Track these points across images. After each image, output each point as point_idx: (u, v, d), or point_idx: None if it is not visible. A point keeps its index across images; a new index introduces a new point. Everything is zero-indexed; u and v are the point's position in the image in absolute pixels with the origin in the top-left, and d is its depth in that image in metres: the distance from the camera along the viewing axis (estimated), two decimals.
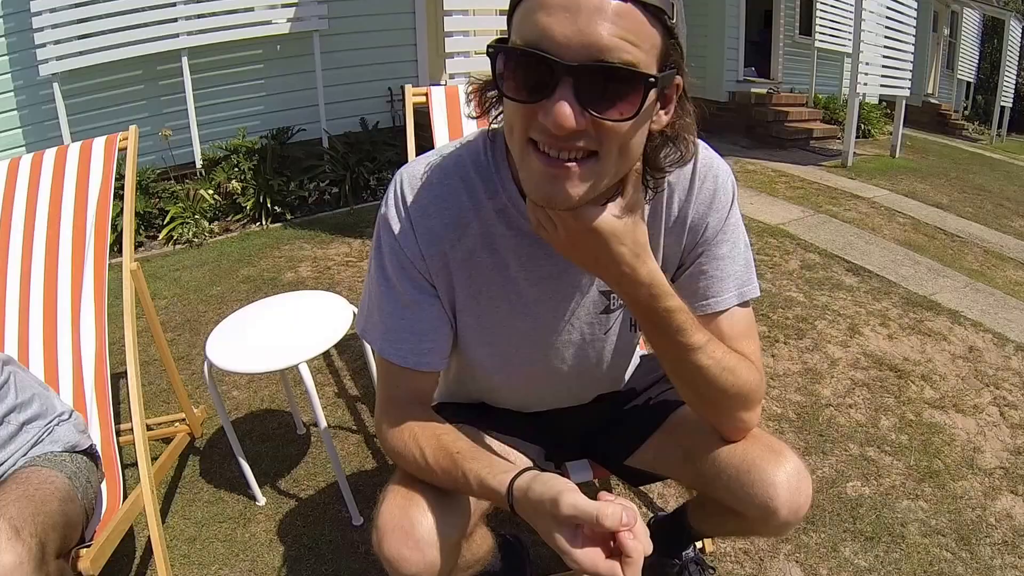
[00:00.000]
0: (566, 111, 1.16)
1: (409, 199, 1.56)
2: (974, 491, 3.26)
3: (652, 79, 1.20)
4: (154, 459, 3.04)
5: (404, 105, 3.43)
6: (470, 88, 1.47)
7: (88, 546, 2.13)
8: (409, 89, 3.43)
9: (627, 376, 2.11)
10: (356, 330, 1.74)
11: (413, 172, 1.58)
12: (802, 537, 2.89)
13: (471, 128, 3.14)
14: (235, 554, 2.84)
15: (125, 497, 2.48)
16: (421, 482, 1.57)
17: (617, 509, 1.19)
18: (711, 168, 1.63)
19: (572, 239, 1.37)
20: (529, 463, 1.96)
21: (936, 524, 3.02)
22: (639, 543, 1.21)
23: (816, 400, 3.90)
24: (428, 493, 1.55)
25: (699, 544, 2.69)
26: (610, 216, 1.34)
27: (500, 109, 1.43)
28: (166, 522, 3.03)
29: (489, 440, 1.95)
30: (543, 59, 1.16)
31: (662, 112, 1.35)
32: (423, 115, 3.39)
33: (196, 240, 6.25)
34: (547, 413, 2.02)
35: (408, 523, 1.50)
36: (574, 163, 1.24)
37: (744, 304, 1.68)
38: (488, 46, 1.26)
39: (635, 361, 2.11)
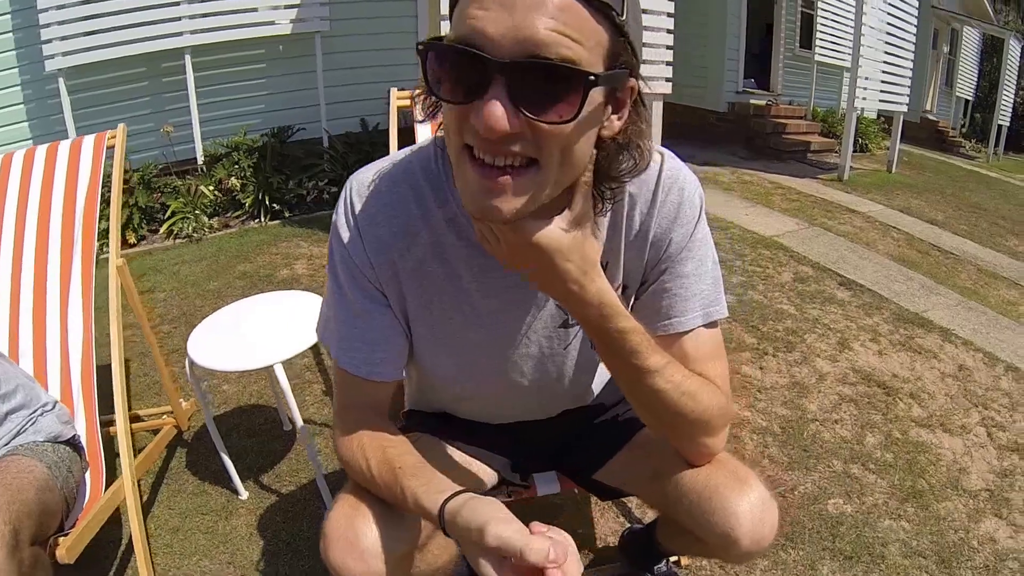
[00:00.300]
0: (498, 112, 1.09)
1: (358, 207, 1.51)
2: (958, 513, 3.25)
3: (592, 77, 1.12)
4: (141, 450, 3.10)
5: (389, 107, 3.43)
6: (418, 91, 1.35)
7: (66, 534, 2.16)
8: (394, 92, 3.45)
9: (595, 391, 2.01)
10: (316, 333, 1.72)
11: (362, 180, 1.54)
12: (780, 554, 2.89)
13: None
14: (216, 546, 2.87)
15: (107, 487, 2.50)
16: (371, 492, 1.55)
17: (544, 544, 1.15)
18: (676, 180, 1.54)
19: (515, 254, 1.32)
20: (487, 478, 1.98)
21: (917, 545, 3.01)
22: None
23: (802, 414, 3.90)
24: (376, 504, 1.52)
25: (675, 557, 2.66)
26: (555, 231, 1.28)
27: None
28: (151, 512, 3.06)
29: (452, 450, 1.94)
30: (474, 56, 1.09)
31: (614, 117, 1.27)
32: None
33: (196, 235, 6.28)
34: (513, 424, 1.98)
35: (353, 533, 1.48)
36: (510, 174, 1.18)
37: (711, 324, 1.61)
38: (417, 43, 1.18)
39: (603, 376, 1.98)
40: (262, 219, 6.67)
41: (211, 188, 6.70)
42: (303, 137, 7.74)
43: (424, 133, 3.22)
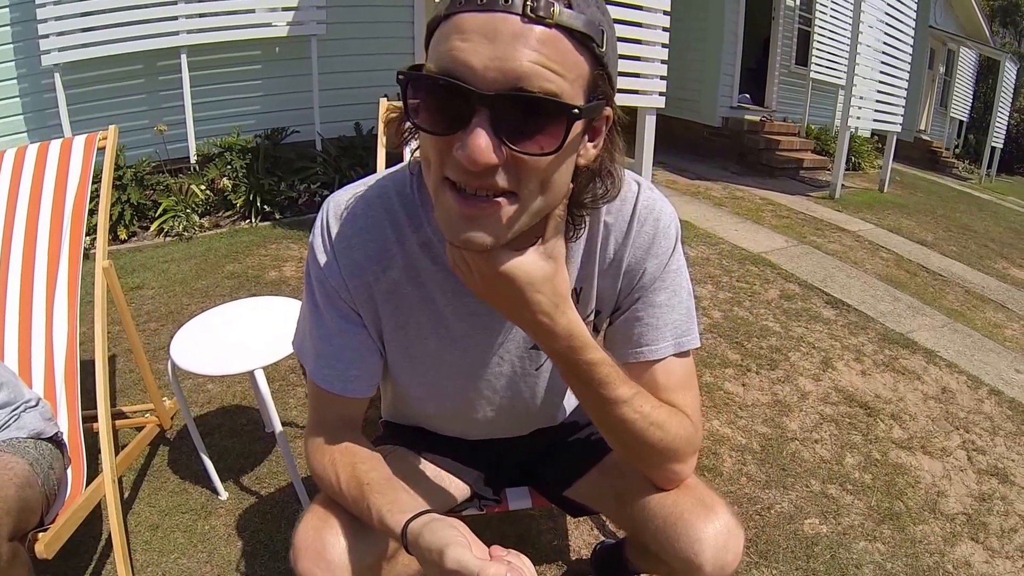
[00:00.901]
0: (482, 143, 1.10)
1: (334, 230, 1.52)
2: (934, 536, 3.26)
3: (576, 111, 1.13)
4: (124, 446, 3.09)
5: (376, 123, 3.44)
6: (391, 117, 1.39)
7: (46, 530, 2.16)
8: (383, 102, 3.46)
9: (567, 410, 2.06)
10: (293, 346, 1.74)
11: (339, 202, 1.54)
12: (753, 571, 2.89)
13: None
14: (194, 545, 2.88)
15: (88, 483, 2.52)
16: (339, 504, 1.57)
17: (501, 569, 1.16)
18: (652, 211, 1.56)
19: (487, 283, 1.32)
20: (459, 492, 2.00)
21: (892, 568, 3.02)
22: None
23: (782, 433, 3.91)
24: (345, 515, 1.54)
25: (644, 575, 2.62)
26: (527, 262, 1.29)
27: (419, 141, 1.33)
28: (132, 508, 3.07)
29: (425, 464, 1.97)
30: (457, 88, 1.10)
31: (590, 145, 1.28)
32: None
33: (186, 234, 6.28)
34: (487, 441, 2.00)
35: (321, 545, 1.50)
36: (489, 204, 1.19)
37: (683, 354, 1.63)
38: (398, 72, 1.20)
39: (573, 396, 1.96)
40: (253, 220, 6.68)
41: (203, 188, 6.71)
42: (296, 139, 7.75)
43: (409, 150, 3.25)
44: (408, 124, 1.29)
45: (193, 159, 7.21)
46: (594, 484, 1.89)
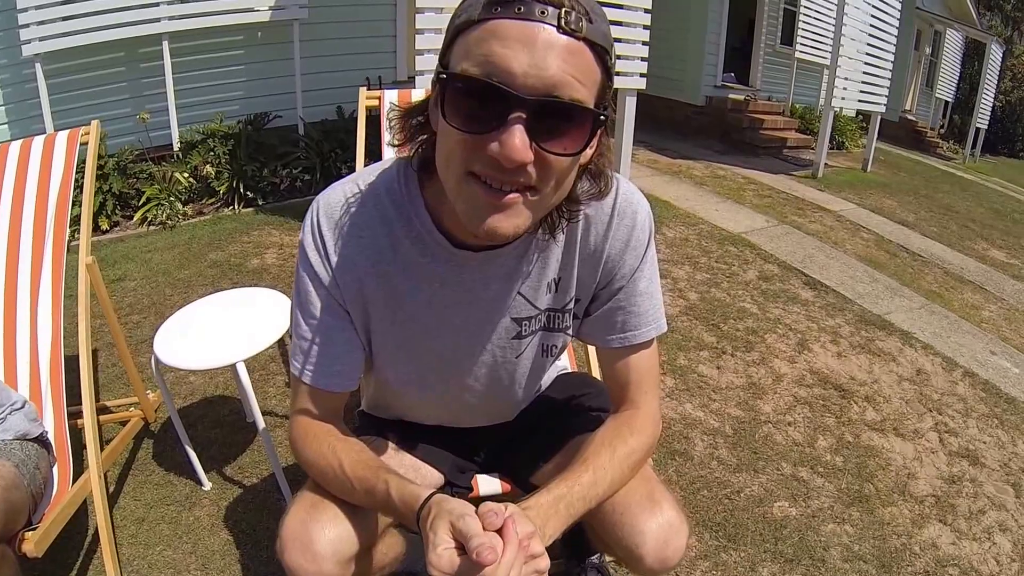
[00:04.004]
0: (518, 143, 1.18)
1: (324, 227, 1.57)
2: (902, 518, 3.32)
3: (602, 116, 1.26)
4: (109, 441, 3.12)
5: (357, 107, 3.47)
6: (392, 114, 1.49)
7: (33, 529, 2.18)
8: (363, 92, 3.49)
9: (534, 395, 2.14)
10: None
11: (328, 201, 1.59)
12: (721, 555, 2.94)
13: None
14: (179, 536, 2.90)
15: (75, 479, 2.53)
16: (326, 495, 1.64)
17: (495, 542, 1.26)
18: (630, 205, 1.64)
19: None
20: (433, 480, 2.05)
21: (859, 550, 3.07)
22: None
23: (755, 416, 3.95)
24: (331, 507, 1.61)
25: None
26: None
27: (423, 138, 1.45)
28: (117, 502, 3.09)
29: (401, 454, 2.02)
30: (498, 90, 1.17)
31: (588, 147, 1.35)
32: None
33: (170, 222, 6.26)
34: (460, 429, 2.07)
35: (307, 536, 1.57)
36: (515, 195, 1.27)
37: (651, 341, 1.76)
38: (438, 72, 1.28)
39: (548, 378, 2.18)
40: (236, 206, 6.67)
41: (186, 175, 6.68)
42: (279, 124, 7.73)
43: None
44: (418, 121, 1.43)
45: (176, 146, 7.17)
46: (555, 469, 1.88)
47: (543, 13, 1.17)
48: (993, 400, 4.55)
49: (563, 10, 1.17)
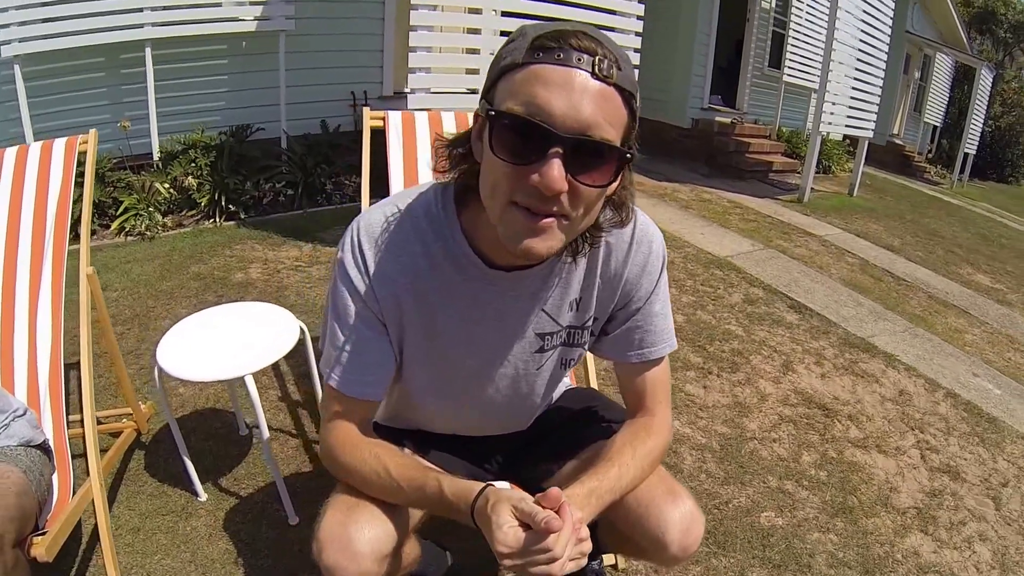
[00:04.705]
0: (556, 175, 1.33)
1: (365, 245, 1.68)
2: (885, 528, 3.38)
3: (629, 155, 1.42)
4: (102, 452, 3.09)
5: (362, 127, 3.51)
6: (438, 143, 1.65)
7: (43, 534, 2.18)
8: (367, 112, 3.52)
9: (553, 399, 2.32)
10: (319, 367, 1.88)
11: (369, 220, 1.71)
12: (712, 560, 3.00)
13: (424, 153, 3.45)
14: (177, 545, 2.90)
15: (75, 489, 2.55)
16: (361, 497, 1.76)
17: (549, 515, 1.43)
18: (646, 235, 1.80)
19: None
20: None
21: (843, 557, 3.14)
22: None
23: (742, 433, 3.98)
24: (367, 508, 1.74)
25: (613, 560, 2.85)
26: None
27: (465, 167, 1.60)
28: (112, 512, 3.06)
29: (419, 460, 2.08)
30: (541, 128, 1.32)
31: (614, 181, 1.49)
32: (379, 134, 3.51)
33: (148, 233, 6.20)
34: (475, 438, 2.20)
35: (347, 536, 1.68)
36: (550, 220, 1.42)
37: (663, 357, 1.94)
38: (488, 111, 1.41)
39: (561, 388, 2.37)
40: (217, 219, 6.62)
41: (166, 186, 6.64)
42: (262, 137, 7.69)
43: (424, 154, 3.48)
44: (461, 151, 1.60)
45: (156, 156, 7.12)
46: (572, 475, 1.99)
47: (579, 60, 1.33)
48: (975, 419, 4.59)
49: (597, 57, 1.33)
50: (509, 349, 1.86)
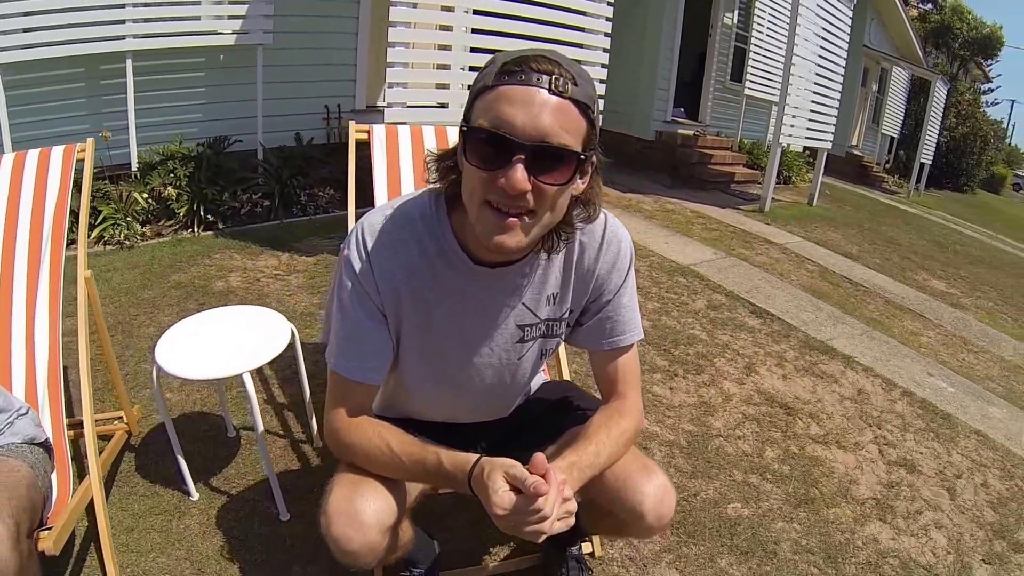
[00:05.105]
0: (520, 177, 1.56)
1: (369, 244, 1.88)
2: (845, 517, 3.55)
3: (582, 156, 1.63)
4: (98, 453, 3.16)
5: (348, 139, 3.63)
6: (429, 159, 1.87)
7: (49, 529, 2.24)
8: (352, 124, 3.64)
9: (532, 390, 2.54)
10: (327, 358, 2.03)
11: (372, 222, 1.91)
12: (683, 548, 3.15)
13: (407, 164, 3.62)
14: (171, 543, 2.95)
15: (74, 488, 2.59)
16: (364, 474, 1.94)
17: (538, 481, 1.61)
18: (616, 236, 2.03)
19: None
20: None
21: (807, 544, 3.30)
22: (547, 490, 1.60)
23: (707, 430, 4.13)
24: (371, 484, 1.92)
25: (589, 548, 2.99)
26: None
27: (453, 177, 1.79)
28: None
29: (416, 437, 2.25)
30: (505, 139, 1.55)
31: (580, 182, 1.74)
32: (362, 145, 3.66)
33: (127, 242, 6.21)
34: (463, 425, 2.37)
35: (353, 509, 1.85)
36: (518, 218, 1.64)
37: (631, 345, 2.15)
38: (462, 126, 1.67)
39: (539, 380, 2.60)
40: (195, 229, 6.64)
41: (144, 196, 6.65)
42: (239, 149, 7.72)
43: (406, 164, 3.66)
44: (448, 163, 1.80)
45: (135, 166, 7.10)
46: (552, 456, 2.15)
47: (539, 80, 1.55)
48: (930, 416, 4.80)
49: (553, 76, 1.56)
50: (493, 340, 2.04)
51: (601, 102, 6.88)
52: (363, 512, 1.85)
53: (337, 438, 1.98)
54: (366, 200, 3.36)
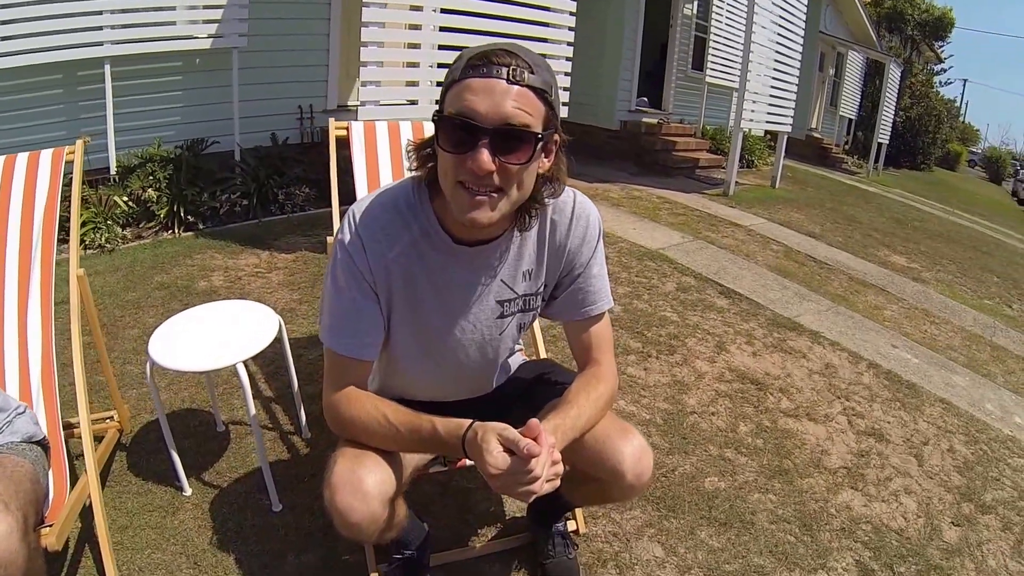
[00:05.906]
0: (485, 158, 1.71)
1: (361, 227, 2.02)
2: (818, 487, 3.71)
3: (539, 136, 1.78)
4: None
5: (322, 138, 3.74)
6: (409, 147, 2.02)
7: (50, 525, 2.31)
8: (332, 122, 3.77)
9: (511, 369, 2.68)
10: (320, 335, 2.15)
11: (363, 207, 2.05)
12: (664, 523, 3.28)
13: (384, 158, 3.78)
14: (166, 539, 2.97)
15: (72, 485, 2.61)
16: (364, 448, 2.06)
17: (530, 443, 1.74)
18: (585, 211, 2.19)
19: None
20: (426, 455, 2.45)
21: (782, 513, 3.45)
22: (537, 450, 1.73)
23: (682, 408, 4.28)
24: (372, 456, 2.04)
25: (573, 525, 3.09)
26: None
27: (431, 164, 1.93)
28: None
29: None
30: (470, 125, 1.72)
31: (546, 160, 1.91)
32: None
33: (108, 245, 6.22)
34: (451, 403, 2.45)
35: (356, 479, 1.97)
36: (486, 195, 1.79)
37: (603, 314, 2.30)
38: (433, 115, 1.82)
39: (518, 360, 2.73)
40: (176, 230, 6.69)
41: (124, 199, 6.67)
42: (217, 150, 7.75)
43: (384, 158, 3.80)
44: (426, 152, 1.95)
45: (113, 170, 7.10)
46: None
47: (498, 72, 1.72)
48: (895, 387, 5.01)
49: (510, 68, 1.72)
50: (475, 316, 2.19)
51: (566, 94, 7.06)
52: (366, 481, 1.96)
53: (336, 413, 2.10)
54: (344, 194, 3.54)
